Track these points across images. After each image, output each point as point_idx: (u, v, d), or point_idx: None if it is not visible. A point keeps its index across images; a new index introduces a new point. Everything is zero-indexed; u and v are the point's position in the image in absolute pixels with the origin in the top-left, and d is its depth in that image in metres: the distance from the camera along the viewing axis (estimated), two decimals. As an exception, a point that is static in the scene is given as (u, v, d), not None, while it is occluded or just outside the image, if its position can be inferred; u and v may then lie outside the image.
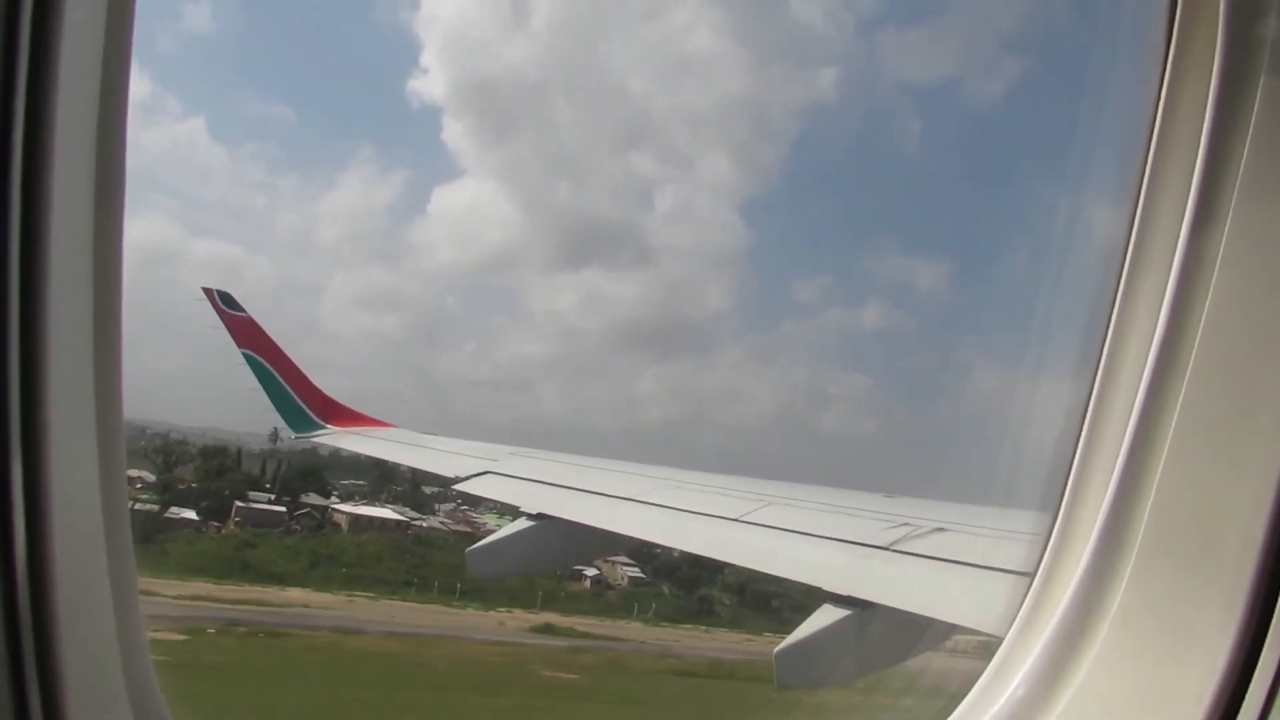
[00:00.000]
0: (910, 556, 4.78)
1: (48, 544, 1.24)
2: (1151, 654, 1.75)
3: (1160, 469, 1.74)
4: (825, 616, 4.42)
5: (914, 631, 4.62)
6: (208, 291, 12.71)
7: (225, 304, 12.66)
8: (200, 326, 12.82)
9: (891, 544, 4.93)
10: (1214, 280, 1.67)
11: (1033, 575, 2.06)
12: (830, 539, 5.28)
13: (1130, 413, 1.79)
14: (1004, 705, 1.94)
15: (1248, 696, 1.57)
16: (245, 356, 12.40)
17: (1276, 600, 1.57)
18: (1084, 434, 1.95)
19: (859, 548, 5.04)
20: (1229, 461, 1.67)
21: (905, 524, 5.17)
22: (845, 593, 4.52)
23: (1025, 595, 2.06)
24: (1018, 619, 2.06)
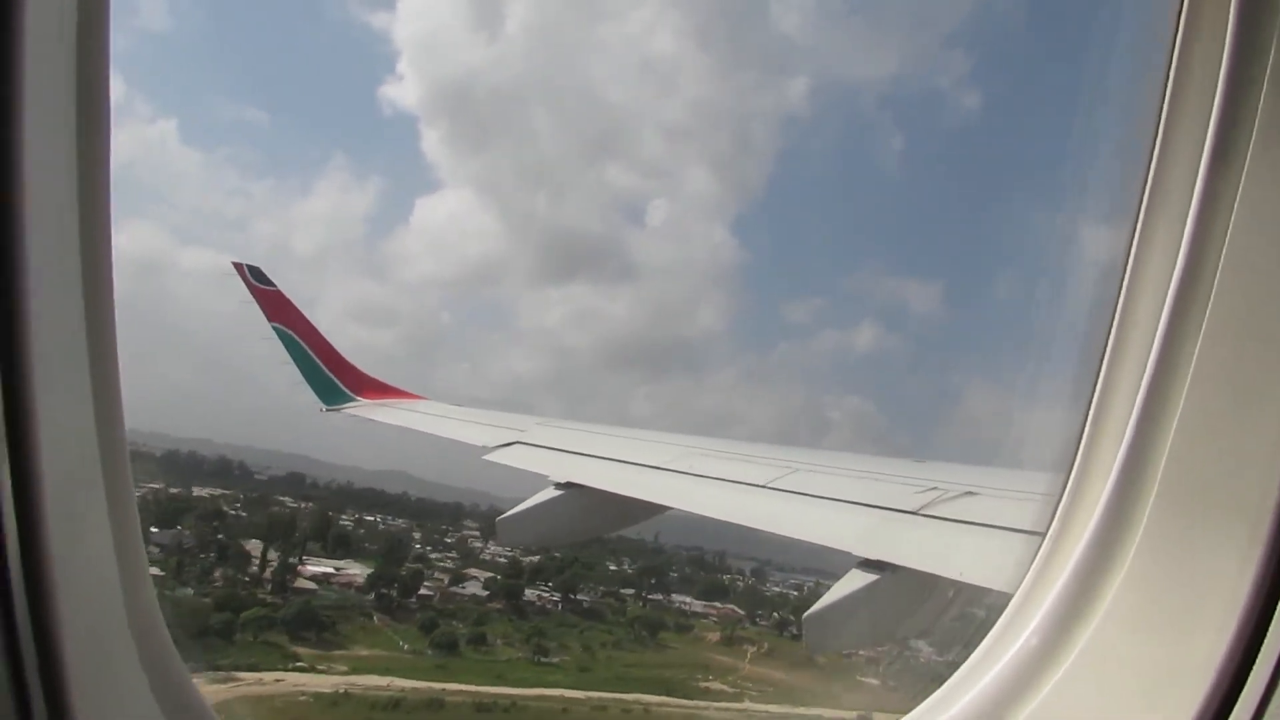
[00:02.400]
0: (939, 520, 4.76)
1: (42, 547, 1.23)
2: (1161, 615, 1.74)
3: (1173, 429, 1.72)
4: (853, 581, 4.42)
5: (943, 595, 4.61)
6: (238, 266, 12.86)
7: (255, 278, 12.79)
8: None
9: (920, 508, 4.91)
10: (1229, 232, 1.63)
11: (1044, 534, 2.05)
12: (858, 504, 5.27)
13: (1143, 373, 1.77)
14: (1010, 661, 1.95)
15: (1258, 661, 1.55)
16: (276, 330, 12.55)
17: None
18: (1097, 393, 1.94)
19: (887, 512, 5.02)
20: (1243, 426, 1.65)
21: (934, 488, 5.13)
22: (873, 557, 4.51)
23: (1036, 553, 2.06)
24: (1027, 576, 2.06)
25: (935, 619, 4.63)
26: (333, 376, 12.40)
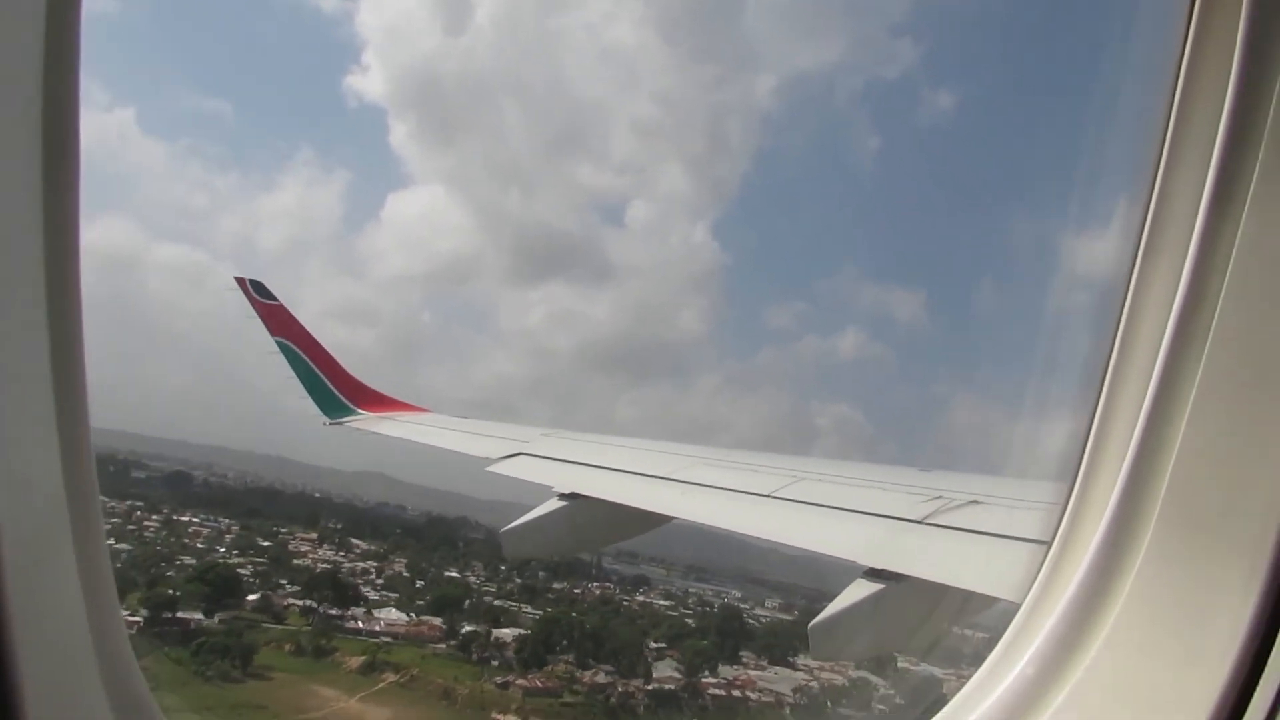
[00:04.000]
0: (944, 529, 4.74)
1: None
2: (1163, 640, 1.72)
3: (1179, 441, 1.70)
4: (859, 590, 4.41)
5: (948, 604, 4.60)
6: (240, 281, 12.89)
7: (258, 293, 12.82)
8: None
9: (925, 517, 4.89)
10: (1236, 245, 1.62)
11: (1044, 557, 2.04)
12: (863, 513, 5.26)
13: (1148, 383, 1.75)
14: (1010, 687, 1.93)
15: (1260, 685, 1.54)
16: (279, 344, 12.58)
17: None
18: (1101, 404, 1.92)
19: (892, 521, 5.01)
20: (1246, 449, 1.63)
21: (939, 497, 5.12)
22: (878, 566, 4.50)
23: (1035, 577, 2.04)
24: (1026, 600, 2.04)
25: (940, 629, 4.62)
26: (335, 390, 12.41)
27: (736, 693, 33.52)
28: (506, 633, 35.42)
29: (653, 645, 36.37)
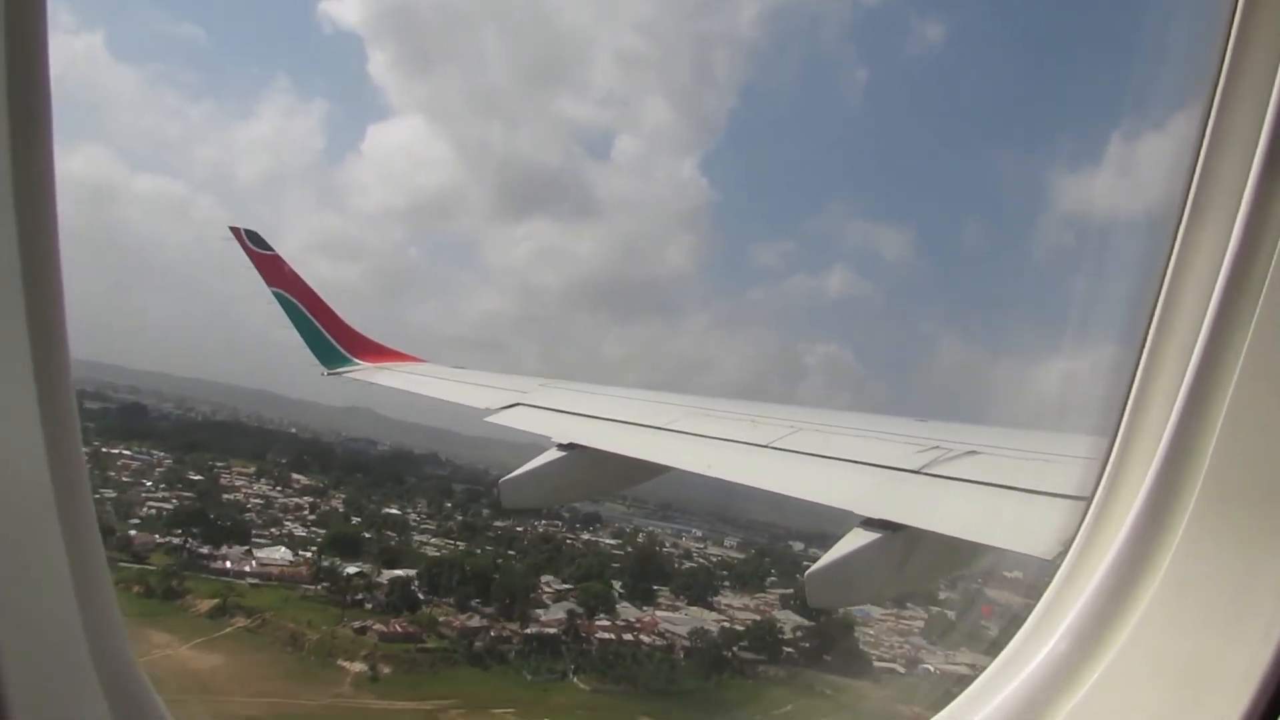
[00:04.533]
0: (941, 479, 4.76)
1: None
2: (1202, 618, 1.67)
3: (1222, 415, 1.63)
4: (855, 539, 4.44)
5: (944, 553, 4.63)
6: (235, 230, 12.71)
7: (253, 243, 12.66)
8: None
9: (922, 467, 4.91)
10: None
11: (1077, 530, 1.99)
12: (861, 463, 5.27)
13: (1192, 350, 1.68)
14: (1042, 662, 1.89)
15: None
16: (275, 295, 12.48)
17: None
18: (1135, 384, 1.86)
19: (890, 471, 5.03)
20: None
21: (936, 447, 5.13)
22: (876, 516, 4.53)
23: (1069, 550, 1.99)
24: (1059, 573, 1.99)
25: (936, 578, 4.66)
26: (333, 340, 12.37)
27: (629, 636, 32.52)
28: (399, 574, 33.94)
29: (559, 587, 35.28)
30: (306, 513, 39.10)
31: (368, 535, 37.43)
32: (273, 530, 36.81)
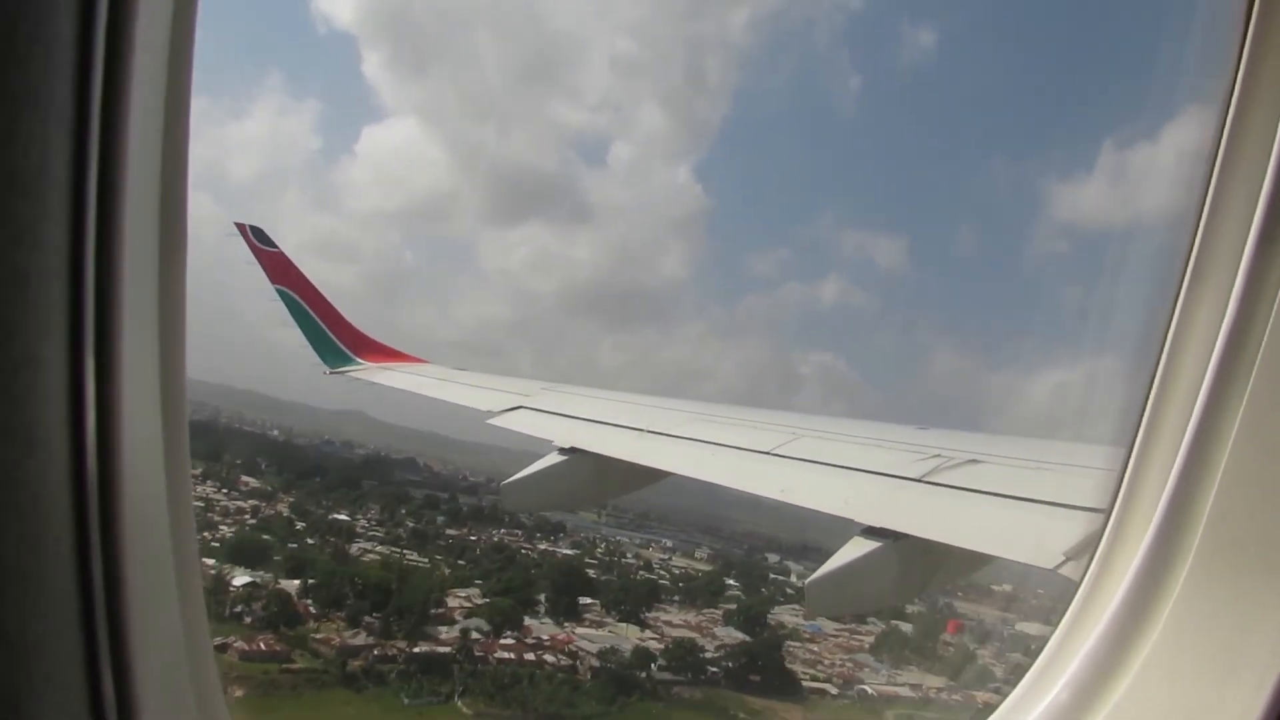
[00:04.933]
0: (942, 488, 4.77)
1: (118, 534, 1.18)
2: (1200, 668, 1.68)
3: (1223, 462, 1.64)
4: (856, 548, 4.44)
5: (945, 562, 4.64)
6: (240, 227, 12.68)
7: (259, 239, 12.64)
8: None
9: (923, 475, 4.91)
10: None
11: (1080, 580, 1.99)
12: (862, 471, 5.28)
13: (1186, 424, 1.69)
14: (1052, 702, 1.89)
15: None
16: (279, 293, 12.46)
17: None
18: (1151, 397, 1.85)
19: (891, 479, 5.03)
20: None
21: (937, 455, 5.14)
22: (876, 524, 4.53)
23: (1070, 601, 1.99)
24: (1061, 624, 1.99)
25: (936, 587, 4.66)
26: (336, 339, 12.36)
27: (531, 655, 30.02)
28: (285, 586, 31.43)
29: (482, 601, 32.74)
30: (248, 517, 37.53)
31: (305, 544, 35.45)
32: (204, 535, 34.49)
